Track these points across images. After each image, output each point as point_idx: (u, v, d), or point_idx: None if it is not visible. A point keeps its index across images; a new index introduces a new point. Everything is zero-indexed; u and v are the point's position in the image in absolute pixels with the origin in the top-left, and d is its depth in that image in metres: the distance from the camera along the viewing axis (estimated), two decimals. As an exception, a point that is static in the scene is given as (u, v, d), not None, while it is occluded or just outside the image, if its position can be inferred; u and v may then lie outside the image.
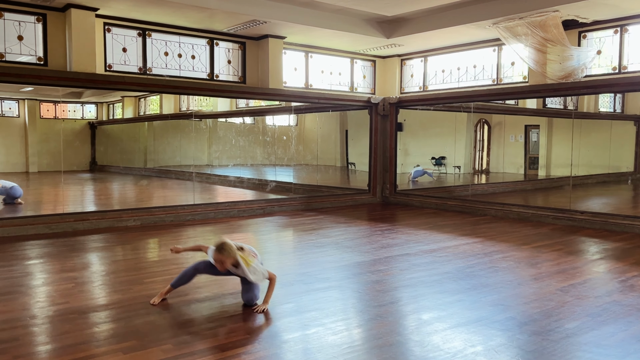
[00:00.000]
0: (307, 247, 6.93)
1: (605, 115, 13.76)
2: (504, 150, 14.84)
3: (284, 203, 10.38)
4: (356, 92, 11.99)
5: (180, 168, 14.75)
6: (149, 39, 9.16)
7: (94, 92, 14.77)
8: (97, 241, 7.24)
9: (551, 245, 6.94)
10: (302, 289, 4.89)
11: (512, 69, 10.22)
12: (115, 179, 15.92)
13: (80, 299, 4.57)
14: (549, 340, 3.63)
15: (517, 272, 5.55)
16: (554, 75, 8.73)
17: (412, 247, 6.80)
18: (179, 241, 7.32)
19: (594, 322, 3.98)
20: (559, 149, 13.63)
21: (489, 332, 3.80)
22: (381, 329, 3.88)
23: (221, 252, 4.19)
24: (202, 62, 9.74)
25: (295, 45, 10.80)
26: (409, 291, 4.87)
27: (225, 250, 4.19)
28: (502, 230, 8.16)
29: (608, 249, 6.82)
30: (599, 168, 13.91)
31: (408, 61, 12.15)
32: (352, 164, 15.32)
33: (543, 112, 12.93)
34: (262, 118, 15.65)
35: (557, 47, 8.58)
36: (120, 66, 8.91)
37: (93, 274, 5.55)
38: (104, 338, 3.67)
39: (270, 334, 3.78)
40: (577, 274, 5.48)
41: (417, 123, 13.66)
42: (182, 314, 4.17)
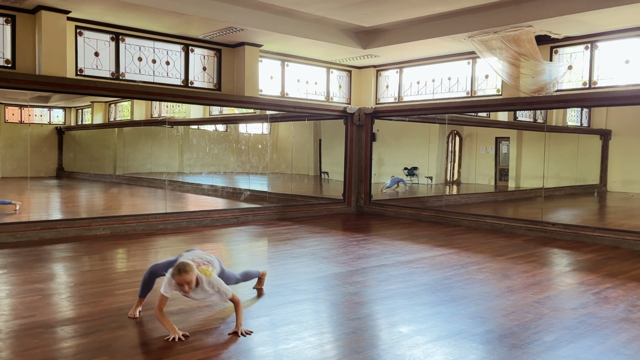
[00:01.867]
0: (283, 258, 6.83)
1: (573, 129, 14.10)
2: (475, 162, 15.05)
3: (258, 212, 10.25)
4: (332, 102, 11.99)
5: (152, 175, 14.45)
6: (122, 44, 8.97)
7: (62, 96, 14.40)
8: (65, 251, 6.99)
9: (525, 257, 7.01)
10: (278, 302, 4.79)
11: (486, 81, 10.37)
12: (84, 186, 15.50)
13: (47, 312, 4.37)
14: (528, 353, 3.62)
15: (493, 284, 5.57)
16: (527, 88, 8.89)
17: (389, 258, 6.77)
18: (149, 250, 7.13)
19: (572, 335, 4.00)
20: (528, 161, 13.90)
21: (470, 345, 3.78)
22: (360, 343, 3.82)
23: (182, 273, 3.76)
24: (177, 68, 9.58)
25: (272, 53, 10.74)
26: (387, 303, 4.83)
27: (186, 271, 3.78)
28: (477, 241, 8.22)
29: (580, 261, 6.92)
30: (567, 180, 14.22)
31: (384, 72, 12.22)
32: (325, 173, 15.29)
33: (514, 124, 13.17)
34: (236, 126, 15.51)
35: (530, 62, 8.74)
36: (92, 71, 8.69)
37: (60, 286, 5.33)
38: (72, 354, 3.50)
39: (245, 349, 3.67)
40: (552, 286, 5.53)
41: (391, 133, 13.74)
42: (155, 328, 4.02)
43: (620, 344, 3.85)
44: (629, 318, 4.44)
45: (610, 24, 8.25)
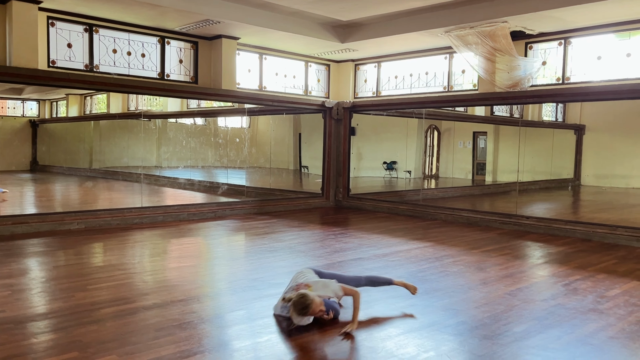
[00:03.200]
0: (260, 252, 6.83)
1: (548, 124, 14.33)
2: (453, 156, 15.21)
3: (236, 206, 10.21)
4: (310, 96, 11.97)
5: (128, 169, 14.27)
6: (96, 35, 8.81)
7: (36, 88, 14.09)
8: (37, 245, 6.88)
9: (499, 250, 7.12)
10: (254, 295, 4.79)
11: (463, 76, 10.47)
12: (58, 180, 15.23)
13: (18, 307, 4.30)
14: (498, 344, 3.69)
15: (467, 277, 5.64)
16: (502, 83, 9.00)
17: (365, 252, 6.81)
18: (125, 245, 7.05)
19: (541, 326, 4.08)
20: (505, 156, 14.10)
21: (441, 336, 3.83)
22: (334, 335, 3.83)
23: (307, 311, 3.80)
24: (153, 60, 9.46)
25: (249, 46, 10.67)
26: (362, 296, 4.84)
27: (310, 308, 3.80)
28: (452, 234, 8.32)
29: (552, 253, 7.06)
30: (542, 174, 14.47)
31: (362, 66, 12.24)
32: (305, 167, 15.29)
33: (491, 119, 13.33)
34: (214, 119, 15.39)
35: (506, 57, 8.85)
36: (65, 62, 8.53)
37: (32, 281, 5.24)
38: (42, 349, 3.46)
39: (220, 343, 3.67)
40: (523, 278, 5.63)
41: (370, 128, 13.79)
42: (128, 323, 3.99)
43: (587, 334, 3.94)
44: (597, 309, 4.55)
45: (584, 20, 8.39)
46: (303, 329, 3.89)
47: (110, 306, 4.37)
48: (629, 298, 4.89)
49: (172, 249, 7.27)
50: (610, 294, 5.01)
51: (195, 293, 4.82)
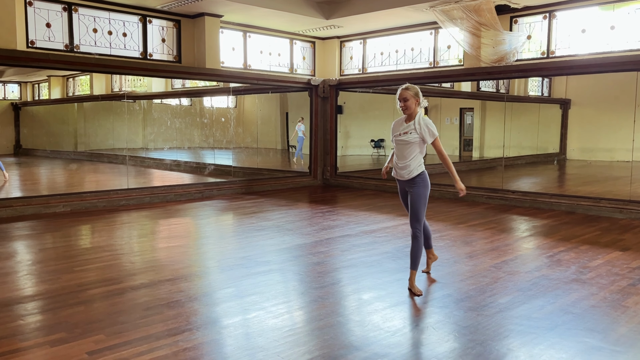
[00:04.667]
0: (248, 231, 6.84)
1: (534, 99, 14.38)
2: (440, 133, 15.18)
3: (223, 187, 10.18)
4: (296, 74, 11.87)
5: (113, 151, 14.13)
6: (76, 14, 8.62)
7: (17, 70, 13.81)
8: (22, 229, 6.83)
9: (485, 224, 7.19)
10: (243, 273, 4.81)
11: (449, 52, 10.43)
12: (43, 163, 15.06)
13: (4, 290, 4.28)
14: (483, 315, 3.75)
15: (453, 251, 5.71)
16: (487, 58, 8.98)
17: (353, 228, 6.85)
18: (111, 227, 7.02)
19: (525, 296, 4.15)
20: (491, 131, 14.15)
21: (427, 309, 3.89)
22: (322, 310, 3.88)
23: (407, 89, 4.27)
24: (135, 40, 9.30)
25: (233, 24, 10.51)
26: (349, 272, 4.90)
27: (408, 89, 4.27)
28: (439, 210, 8.38)
29: (537, 226, 7.15)
30: (528, 149, 14.56)
31: (347, 43, 12.14)
32: (293, 146, 15.24)
33: (477, 95, 13.34)
34: (200, 99, 15.24)
35: (491, 32, 8.82)
36: (45, 43, 8.34)
37: (18, 264, 5.21)
38: (29, 331, 3.45)
39: (209, 320, 3.69)
40: (509, 251, 5.71)
41: (357, 106, 13.74)
42: (116, 303, 3.99)
43: (569, 303, 4.02)
44: (580, 279, 4.63)
45: (568, -6, 8.37)
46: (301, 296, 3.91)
47: (97, 287, 4.37)
48: (611, 268, 4.98)
49: (159, 229, 7.25)
50: (593, 265, 5.10)
51: (183, 272, 4.83)
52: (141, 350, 3.13)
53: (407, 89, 4.30)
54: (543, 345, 3.24)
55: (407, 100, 4.27)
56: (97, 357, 3.03)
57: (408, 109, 4.30)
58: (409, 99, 4.26)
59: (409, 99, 4.26)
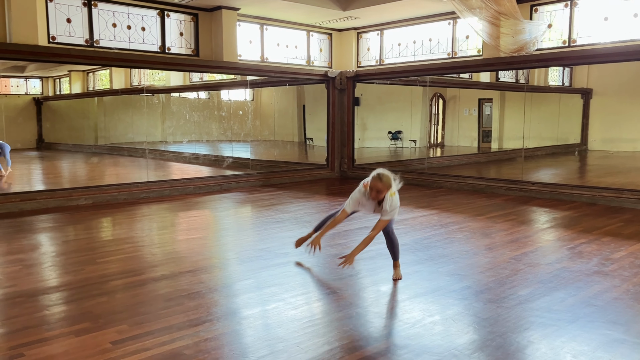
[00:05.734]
0: (266, 223, 6.88)
1: (554, 89, 14.15)
2: (459, 124, 15.10)
3: (242, 179, 10.24)
4: (313, 66, 11.86)
5: (133, 145, 14.28)
6: (95, 9, 8.72)
7: (38, 66, 14.03)
8: (46, 221, 6.96)
9: (504, 216, 7.13)
10: (261, 265, 4.84)
11: (467, 42, 10.32)
12: (64, 156, 15.30)
13: (29, 281, 4.38)
14: (503, 307, 3.73)
15: (472, 243, 5.68)
16: (507, 48, 8.86)
17: (371, 221, 6.80)
18: (132, 219, 7.12)
19: (545, 289, 4.12)
20: (510, 122, 13.97)
21: (446, 301, 3.88)
22: (341, 301, 3.90)
23: (381, 181, 4.09)
24: (153, 34, 9.37)
25: (250, 17, 10.53)
26: (367, 264, 4.91)
27: (383, 182, 4.10)
28: (458, 202, 8.33)
29: (557, 218, 7.06)
30: (548, 140, 14.36)
31: (364, 34, 12.08)
32: (310, 139, 15.24)
33: (496, 85, 13.18)
34: (217, 93, 15.30)
35: (510, 21, 8.69)
36: (65, 38, 8.47)
37: (42, 256, 5.32)
38: (55, 321, 3.53)
39: (229, 311, 3.73)
40: (529, 243, 5.65)
41: (374, 97, 13.68)
42: (138, 294, 4.06)
43: (591, 295, 3.98)
44: (602, 271, 4.58)
45: (590, -19, 8.21)
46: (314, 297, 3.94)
47: (119, 278, 4.44)
48: (634, 260, 4.90)
49: (179, 222, 7.33)
50: (615, 257, 5.03)
51: (203, 264, 4.88)
52: (163, 341, 3.18)
53: (380, 179, 4.11)
54: (564, 338, 3.21)
55: (381, 192, 4.13)
56: (121, 347, 3.09)
57: (379, 198, 4.18)
58: (382, 191, 4.13)
59: (382, 191, 4.12)
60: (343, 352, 3.05)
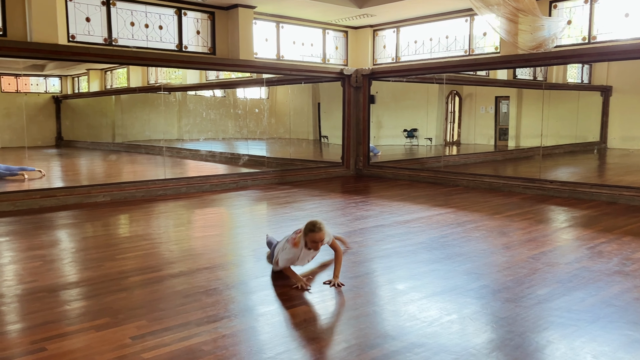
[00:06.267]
0: (282, 221, 6.90)
1: (573, 86, 13.97)
2: (475, 122, 14.98)
3: (257, 177, 10.28)
4: (328, 64, 11.85)
5: (150, 142, 14.43)
6: (114, 8, 8.81)
7: (57, 64, 14.24)
8: (65, 218, 7.06)
9: (522, 214, 7.06)
10: (278, 262, 4.85)
11: (484, 39, 10.23)
12: (83, 154, 15.50)
13: (49, 277, 4.45)
14: (521, 306, 3.70)
15: (489, 241, 5.63)
16: (525, 45, 8.76)
17: (386, 219, 6.82)
18: (150, 216, 7.19)
19: (565, 288, 4.07)
20: (528, 120, 13.83)
21: (464, 300, 3.85)
22: (357, 299, 3.89)
23: (316, 231, 3.98)
24: (170, 32, 9.44)
25: (266, 15, 10.56)
26: (384, 262, 4.90)
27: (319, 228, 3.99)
28: (474, 200, 8.27)
29: (576, 217, 6.98)
30: (566, 138, 14.19)
31: (380, 32, 12.03)
32: (325, 137, 15.25)
33: (514, 83, 13.04)
34: (233, 91, 15.38)
35: (529, 17, 8.59)
36: (84, 37, 8.57)
37: (62, 252, 5.40)
38: (75, 316, 3.58)
39: (246, 308, 3.75)
40: (547, 242, 5.59)
41: (390, 95, 13.64)
42: (156, 290, 4.10)
43: (612, 295, 3.92)
44: (622, 271, 4.51)
45: (611, -23, 8.08)
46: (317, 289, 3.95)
47: (138, 275, 4.49)
48: (656, 260, 4.83)
49: (196, 219, 7.39)
50: (636, 256, 4.95)
51: (220, 261, 4.92)
52: (181, 337, 3.21)
53: (319, 229, 4.01)
54: (584, 338, 3.17)
55: (323, 240, 4.08)
56: (140, 342, 3.12)
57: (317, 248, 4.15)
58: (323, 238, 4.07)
59: (324, 238, 4.07)
60: (360, 349, 3.04)
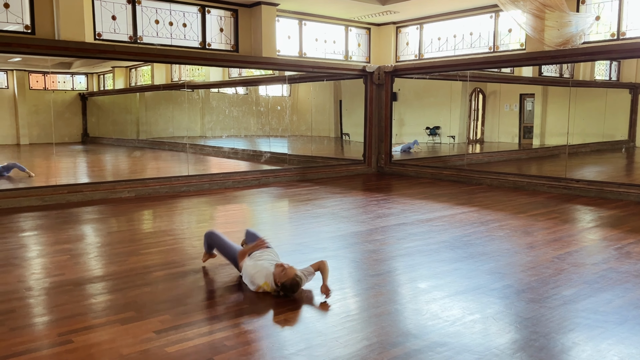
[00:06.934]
0: (303, 218, 6.91)
1: (601, 84, 13.67)
2: (499, 120, 14.77)
3: (279, 174, 10.31)
4: (351, 61, 11.81)
5: (173, 139, 14.59)
6: (139, 7, 8.91)
7: (84, 62, 14.48)
8: (91, 213, 7.19)
9: (547, 214, 6.95)
10: (299, 259, 4.86)
11: (509, 36, 10.07)
12: (108, 150, 15.76)
13: (76, 270, 4.54)
14: (546, 307, 3.64)
15: (513, 241, 5.56)
16: (551, 42, 8.60)
17: (408, 217, 6.79)
18: (173, 212, 7.28)
19: (591, 289, 3.99)
20: (553, 118, 13.57)
21: (487, 299, 3.81)
22: (379, 297, 3.88)
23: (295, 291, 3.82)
24: (194, 30, 9.52)
25: (289, 12, 10.56)
26: (405, 260, 4.87)
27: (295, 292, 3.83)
28: (498, 199, 8.16)
29: (603, 217, 6.84)
30: (593, 137, 13.89)
31: (403, 29, 11.94)
32: (347, 134, 15.21)
33: (539, 80, 12.82)
34: (256, 88, 15.45)
35: (556, 13, 8.43)
36: (110, 35, 8.68)
37: (88, 246, 5.51)
38: (101, 309, 3.65)
39: (268, 304, 3.77)
40: (573, 242, 5.50)
41: (412, 93, 13.53)
42: (180, 285, 4.15)
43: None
44: (651, 272, 4.41)
45: (642, -29, 7.87)
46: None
47: (162, 269, 4.55)
48: (686, 262, 4.70)
49: (218, 215, 7.45)
50: (666, 258, 4.83)
51: (242, 257, 4.94)
52: (204, 332, 3.24)
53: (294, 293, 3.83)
54: (611, 340, 3.11)
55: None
56: (164, 336, 3.16)
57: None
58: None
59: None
60: (382, 347, 3.04)
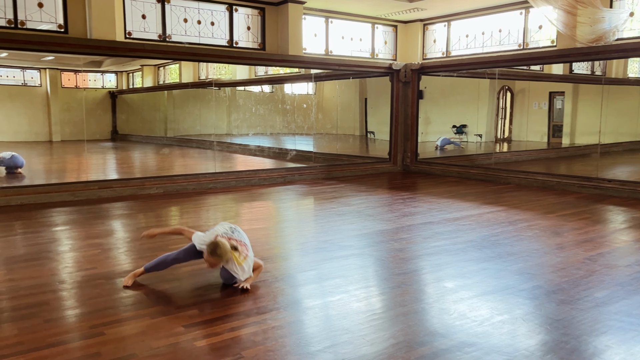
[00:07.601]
0: (328, 215, 6.92)
1: (634, 81, 13.31)
2: (527, 118, 14.52)
3: (304, 172, 10.35)
4: (377, 59, 11.77)
5: (201, 137, 14.77)
6: (168, 6, 9.04)
7: (114, 61, 14.74)
8: (121, 208, 7.33)
9: (577, 214, 6.81)
10: (324, 257, 4.88)
11: (540, 32, 9.90)
12: (137, 147, 16.03)
13: (107, 264, 4.63)
14: (577, 309, 3.57)
15: (542, 241, 5.46)
16: (584, 38, 8.43)
17: (435, 216, 6.73)
18: (201, 208, 7.37)
19: (625, 292, 3.90)
20: (584, 117, 13.28)
21: (516, 300, 3.76)
22: (405, 296, 3.86)
23: (213, 256, 3.82)
24: (222, 28, 9.61)
25: (315, 10, 10.58)
26: (432, 259, 4.84)
27: (217, 255, 3.83)
28: (526, 198, 8.03)
29: (637, 218, 6.66)
30: (626, 136, 13.55)
31: (430, 26, 11.84)
32: (372, 132, 15.17)
33: (570, 78, 12.56)
34: (281, 86, 15.52)
35: (588, 9, 8.25)
36: (140, 33, 8.84)
37: (118, 241, 5.62)
38: (131, 303, 3.72)
39: (294, 300, 3.79)
40: (605, 243, 5.38)
41: (439, 91, 13.40)
42: (208, 280, 4.20)
43: (675, 301, 3.73)
44: (687, 275, 4.28)
45: (679, -35, 7.65)
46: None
47: (189, 265, 4.59)
48: None
49: (244, 212, 7.52)
50: (703, 261, 4.69)
51: (267, 254, 4.98)
52: (232, 327, 3.28)
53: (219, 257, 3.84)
54: (645, 344, 3.04)
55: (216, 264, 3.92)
56: (193, 331, 3.21)
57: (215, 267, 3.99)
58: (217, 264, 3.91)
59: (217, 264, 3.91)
60: (409, 346, 3.02)
